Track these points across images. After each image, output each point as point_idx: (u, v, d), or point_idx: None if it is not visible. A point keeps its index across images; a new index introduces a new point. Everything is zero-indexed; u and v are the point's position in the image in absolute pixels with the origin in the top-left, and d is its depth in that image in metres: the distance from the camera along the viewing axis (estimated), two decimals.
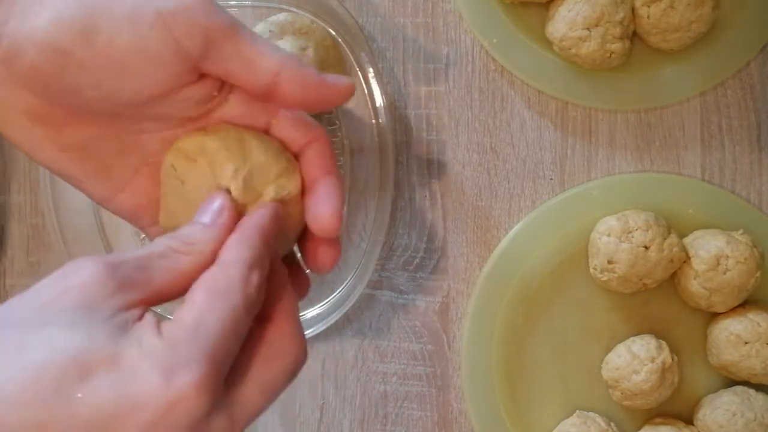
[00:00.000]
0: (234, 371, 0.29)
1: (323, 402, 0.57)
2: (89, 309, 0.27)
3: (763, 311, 0.51)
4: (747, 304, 0.52)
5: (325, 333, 0.56)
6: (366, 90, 0.54)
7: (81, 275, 0.28)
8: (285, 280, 0.33)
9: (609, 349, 0.53)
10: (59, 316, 0.27)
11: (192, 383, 0.26)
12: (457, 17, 0.56)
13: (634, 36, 0.53)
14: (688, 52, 0.53)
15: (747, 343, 0.50)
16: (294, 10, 0.54)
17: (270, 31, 0.52)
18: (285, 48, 0.51)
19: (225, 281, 0.29)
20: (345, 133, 0.56)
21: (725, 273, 0.50)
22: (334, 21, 0.53)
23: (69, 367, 0.25)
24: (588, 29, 0.50)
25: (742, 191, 0.55)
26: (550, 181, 0.56)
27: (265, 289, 0.31)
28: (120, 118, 0.34)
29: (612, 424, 0.53)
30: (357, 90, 0.55)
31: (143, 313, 0.28)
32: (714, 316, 0.53)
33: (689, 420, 0.53)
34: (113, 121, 0.34)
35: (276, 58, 0.33)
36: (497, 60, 0.55)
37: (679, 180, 0.55)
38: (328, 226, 0.35)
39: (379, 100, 0.53)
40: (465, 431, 0.56)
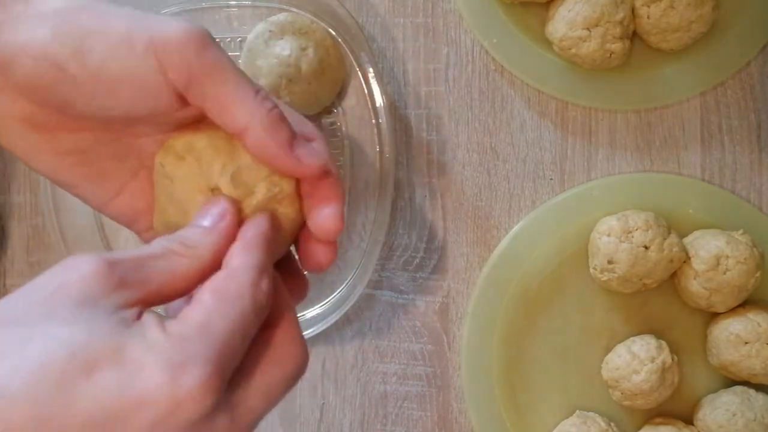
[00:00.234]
0: (238, 374, 0.29)
1: (323, 402, 0.57)
2: (90, 303, 0.27)
3: (763, 311, 0.51)
4: (747, 304, 0.52)
5: (325, 333, 0.56)
6: (366, 90, 0.54)
7: (80, 270, 0.28)
8: (283, 290, 0.33)
9: (609, 349, 0.53)
10: (60, 310, 0.26)
11: (198, 382, 0.26)
12: (457, 17, 0.56)
13: (634, 36, 0.53)
14: (688, 52, 0.53)
15: (747, 343, 0.50)
16: (294, 10, 0.54)
17: (270, 31, 0.52)
18: (285, 48, 0.51)
19: (235, 285, 0.29)
20: (345, 133, 0.56)
21: (725, 273, 0.50)
22: (334, 21, 0.53)
23: (72, 362, 0.25)
24: (588, 29, 0.50)
25: (742, 191, 0.55)
26: (550, 181, 0.56)
27: (272, 295, 0.31)
28: (115, 124, 0.34)
29: (612, 424, 0.53)
30: (357, 90, 0.55)
31: (141, 313, 0.28)
32: (714, 316, 0.53)
33: (689, 420, 0.53)
34: (109, 127, 0.34)
35: (247, 113, 0.32)
36: (497, 60, 0.55)
37: (679, 180, 0.55)
38: (330, 228, 0.34)
39: (379, 100, 0.53)
40: (465, 431, 0.56)
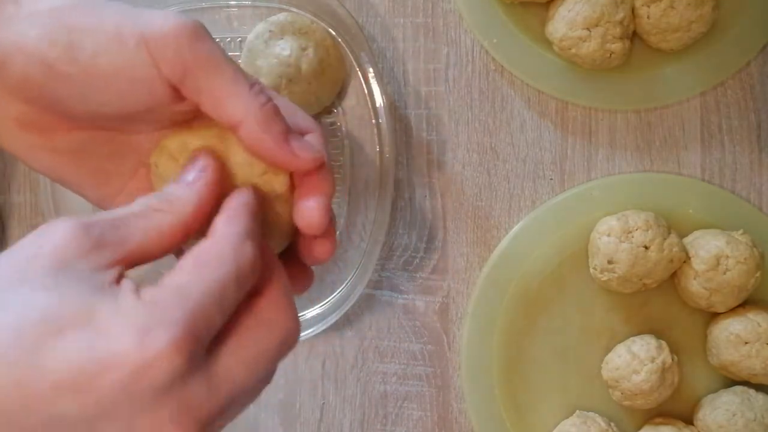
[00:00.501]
0: (217, 341, 0.29)
1: (323, 402, 0.57)
2: (63, 268, 0.27)
3: (763, 311, 0.51)
4: (747, 304, 0.52)
5: (325, 333, 0.56)
6: (366, 90, 0.54)
7: (54, 235, 0.27)
8: (274, 259, 0.32)
9: (609, 349, 0.53)
10: (35, 276, 0.26)
11: (167, 345, 0.26)
12: (457, 17, 0.56)
13: (634, 36, 0.53)
14: (688, 52, 0.53)
15: (747, 343, 0.50)
16: (294, 10, 0.54)
17: (270, 31, 0.52)
18: (285, 48, 0.51)
19: (216, 250, 0.29)
20: (345, 133, 0.56)
21: (725, 273, 0.50)
22: (334, 21, 0.53)
23: (43, 326, 0.25)
24: (588, 29, 0.50)
25: (742, 191, 0.55)
26: (550, 181, 0.56)
27: (260, 263, 0.31)
28: (110, 122, 0.34)
29: (612, 424, 0.53)
30: (357, 90, 0.55)
31: (120, 276, 0.28)
32: (714, 316, 0.53)
33: (689, 420, 0.53)
34: (105, 125, 0.34)
35: (242, 107, 0.32)
36: (497, 60, 0.55)
37: (679, 180, 0.55)
38: (312, 222, 0.34)
39: (379, 100, 0.53)
40: (465, 431, 0.56)
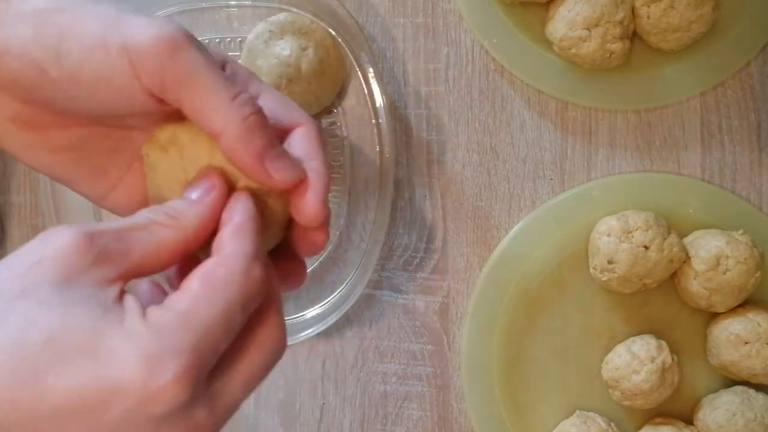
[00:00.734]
0: (220, 363, 0.28)
1: (323, 402, 0.57)
2: (67, 283, 0.26)
3: (763, 311, 0.51)
4: (747, 304, 0.52)
5: (325, 333, 0.56)
6: (366, 90, 0.54)
7: (57, 243, 0.27)
8: (272, 273, 0.32)
9: (609, 349, 0.53)
10: (37, 288, 0.26)
11: (175, 375, 0.25)
12: (457, 17, 0.56)
13: (634, 36, 0.53)
14: (688, 52, 0.53)
15: (747, 343, 0.50)
16: (294, 10, 0.54)
17: (270, 31, 0.52)
18: (285, 48, 0.51)
19: (224, 272, 0.28)
20: (345, 133, 0.56)
21: (725, 273, 0.50)
22: (334, 21, 0.53)
23: (46, 349, 0.25)
24: (588, 29, 0.50)
25: (742, 191, 0.55)
26: (550, 181, 0.56)
27: (266, 284, 0.30)
28: (103, 119, 0.33)
29: (612, 424, 0.53)
30: (357, 90, 0.55)
31: (122, 292, 0.27)
32: (714, 316, 0.53)
33: (689, 420, 0.53)
34: (99, 121, 0.34)
35: (221, 119, 0.31)
36: (497, 60, 0.55)
37: (679, 180, 0.55)
38: (310, 214, 0.33)
39: (379, 100, 0.53)
40: (465, 431, 0.56)
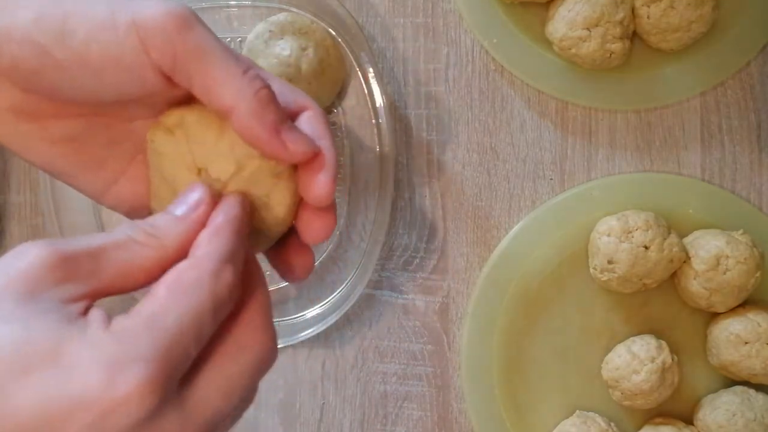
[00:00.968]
0: (192, 368, 0.27)
1: (323, 402, 0.57)
2: (31, 297, 0.26)
3: (763, 311, 0.51)
4: (747, 304, 0.52)
5: (325, 333, 0.56)
6: (366, 90, 0.54)
7: (27, 259, 0.26)
8: (258, 274, 0.31)
9: (609, 349, 0.53)
10: (2, 304, 0.25)
11: (137, 383, 0.24)
12: (457, 17, 0.56)
13: (634, 36, 0.53)
14: (688, 52, 0.53)
15: (747, 343, 0.50)
16: (294, 10, 0.54)
17: (270, 31, 0.52)
18: (285, 48, 0.51)
19: (193, 276, 0.27)
20: (345, 133, 0.56)
21: (725, 273, 0.50)
22: (334, 21, 0.53)
23: (8, 362, 0.24)
24: (588, 29, 0.50)
25: (742, 191, 0.55)
26: (550, 181, 0.56)
27: (239, 288, 0.29)
28: (106, 108, 0.33)
29: (612, 424, 0.53)
30: (357, 90, 0.55)
31: (88, 307, 0.27)
32: (714, 316, 0.53)
33: (689, 420, 0.53)
34: (100, 111, 0.33)
35: (233, 93, 0.30)
36: (497, 60, 0.55)
37: (679, 180, 0.55)
38: (321, 193, 0.33)
39: (379, 100, 0.53)
40: (465, 431, 0.56)
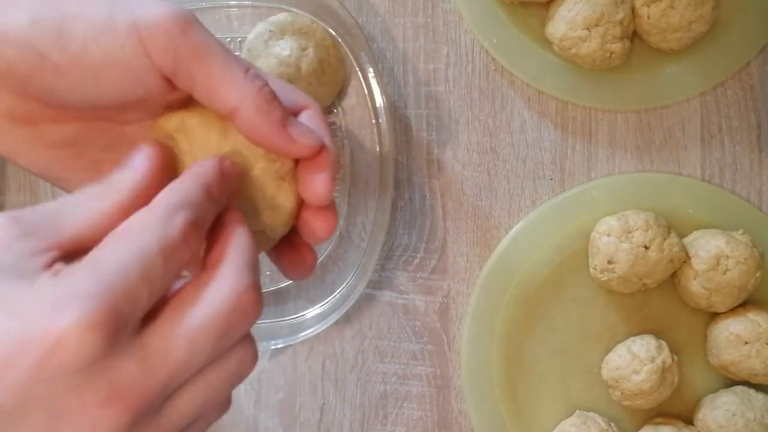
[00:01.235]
0: (152, 315, 0.27)
1: (323, 402, 0.57)
2: None
3: (763, 311, 0.51)
4: (747, 304, 0.52)
5: (325, 333, 0.56)
6: (366, 90, 0.54)
7: None
8: (240, 231, 0.31)
9: (609, 349, 0.53)
10: None
11: (78, 318, 0.24)
12: (457, 17, 0.56)
13: (634, 36, 0.53)
14: (688, 52, 0.53)
15: (747, 343, 0.50)
16: (294, 10, 0.54)
17: (270, 31, 0.52)
18: (285, 48, 0.51)
19: (142, 219, 0.28)
20: (345, 133, 0.56)
21: (725, 273, 0.50)
22: (334, 21, 0.53)
23: None
24: (588, 29, 0.50)
25: (742, 191, 0.55)
26: (550, 181, 0.56)
27: (203, 240, 0.29)
28: (103, 112, 0.33)
29: (612, 424, 0.53)
30: (357, 90, 0.55)
31: (53, 261, 0.27)
32: (714, 316, 0.53)
33: (689, 420, 0.53)
34: (97, 115, 0.33)
35: (237, 93, 0.31)
36: (497, 60, 0.55)
37: (679, 180, 0.55)
38: (320, 192, 0.33)
39: (379, 100, 0.53)
40: (465, 431, 0.56)
